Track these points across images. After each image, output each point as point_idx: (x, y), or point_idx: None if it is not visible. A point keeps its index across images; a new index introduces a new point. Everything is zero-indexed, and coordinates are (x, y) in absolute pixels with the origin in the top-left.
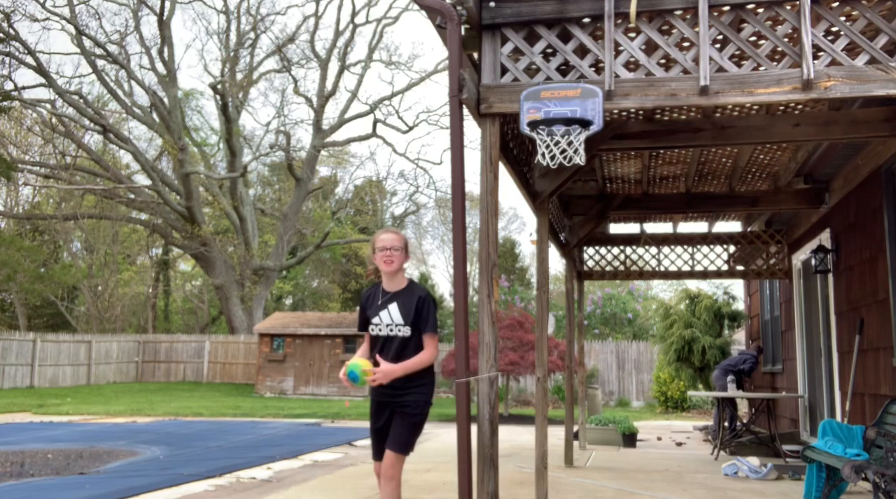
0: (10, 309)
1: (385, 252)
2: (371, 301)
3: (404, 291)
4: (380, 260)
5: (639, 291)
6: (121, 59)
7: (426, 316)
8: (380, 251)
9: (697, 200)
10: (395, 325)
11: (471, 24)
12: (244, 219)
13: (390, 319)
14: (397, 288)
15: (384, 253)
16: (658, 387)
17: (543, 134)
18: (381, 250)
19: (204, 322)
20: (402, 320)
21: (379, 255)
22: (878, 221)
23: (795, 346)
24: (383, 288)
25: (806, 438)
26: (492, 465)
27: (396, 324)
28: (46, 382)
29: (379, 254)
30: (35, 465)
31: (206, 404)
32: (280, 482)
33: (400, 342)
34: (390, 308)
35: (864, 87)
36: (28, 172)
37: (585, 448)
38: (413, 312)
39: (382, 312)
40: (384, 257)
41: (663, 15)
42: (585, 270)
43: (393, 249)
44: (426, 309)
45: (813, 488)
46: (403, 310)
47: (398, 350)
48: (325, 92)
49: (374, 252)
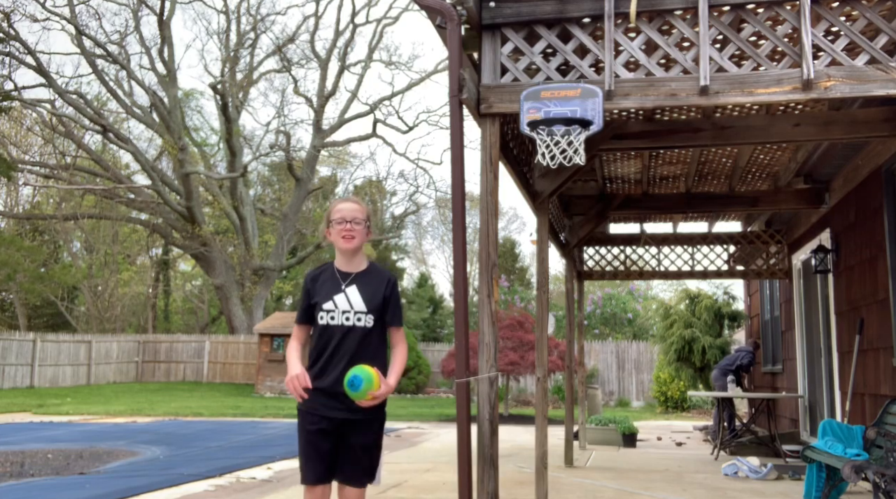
0: (10, 309)
1: (344, 225)
2: (322, 283)
3: (365, 274)
4: (336, 235)
5: (639, 291)
6: (121, 59)
7: (395, 305)
8: (337, 224)
9: (697, 200)
10: (356, 312)
11: (471, 24)
12: (244, 219)
13: (348, 306)
14: (356, 270)
15: (343, 227)
16: (658, 387)
17: (543, 134)
18: (340, 223)
19: (204, 322)
20: (365, 307)
21: (336, 228)
22: (878, 221)
23: (795, 346)
24: (338, 268)
25: (806, 438)
26: (492, 465)
27: (357, 311)
28: (46, 382)
29: (336, 228)
30: (35, 465)
31: (206, 404)
32: (280, 482)
33: (361, 335)
34: (348, 292)
35: (864, 87)
36: (28, 172)
37: (585, 448)
38: (380, 299)
39: (338, 297)
40: (343, 232)
41: (663, 15)
42: (585, 270)
43: (354, 221)
44: (395, 296)
45: (813, 488)
46: (366, 294)
47: (358, 345)
48: (325, 92)
49: (330, 225)
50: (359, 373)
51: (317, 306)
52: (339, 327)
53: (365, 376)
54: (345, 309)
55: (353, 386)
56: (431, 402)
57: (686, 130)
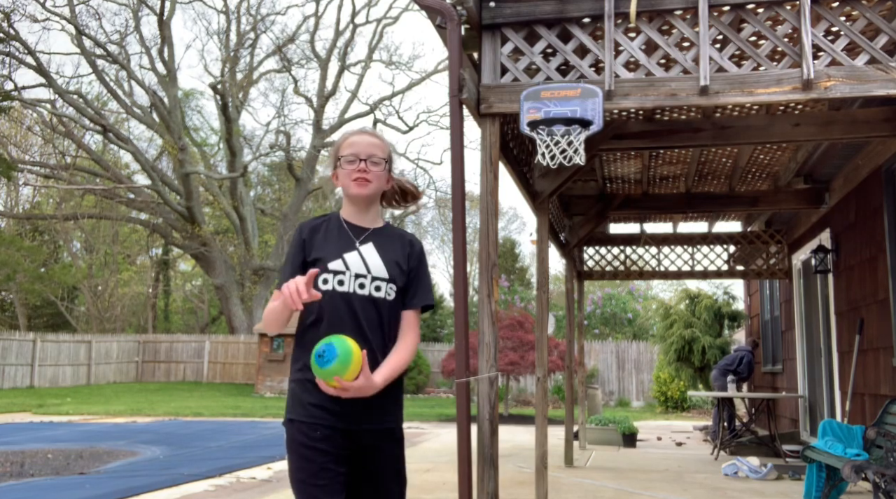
0: (10, 309)
1: (357, 165)
2: (325, 236)
3: (383, 232)
4: (346, 178)
5: (639, 291)
6: (121, 59)
7: (421, 279)
8: (348, 163)
9: (697, 200)
10: (374, 278)
11: (471, 24)
12: (244, 219)
13: (364, 268)
14: (371, 225)
15: (356, 166)
16: (658, 387)
17: (543, 134)
18: (352, 162)
19: (204, 322)
20: (386, 272)
21: (347, 169)
22: (878, 221)
23: (795, 346)
24: (346, 220)
25: (806, 438)
26: (492, 465)
27: (375, 277)
28: (46, 382)
29: (347, 168)
30: (35, 465)
31: (206, 404)
32: (280, 482)
33: (380, 310)
34: (364, 251)
35: (864, 87)
36: (28, 172)
37: (585, 448)
38: (405, 267)
39: (350, 256)
40: (356, 173)
41: (663, 15)
42: (585, 270)
43: (370, 160)
44: (423, 267)
45: (813, 488)
46: (387, 257)
47: (379, 324)
48: (325, 92)
49: (338, 165)
50: (336, 344)
51: (317, 267)
52: (352, 297)
53: (342, 350)
54: (359, 272)
55: (320, 358)
56: (431, 402)
57: (686, 130)
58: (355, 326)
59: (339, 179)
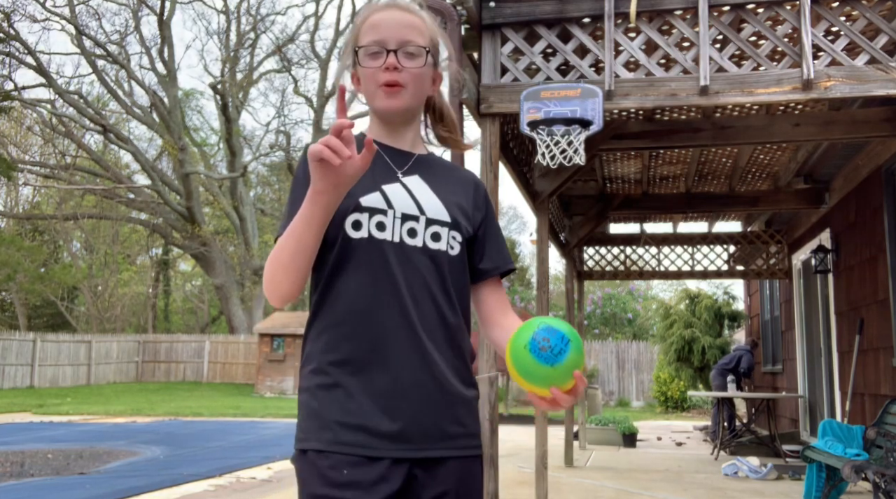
0: (10, 309)
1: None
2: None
3: (435, 162)
4: (370, 80)
5: (639, 291)
6: (121, 59)
7: (501, 234)
8: (370, 57)
9: (697, 200)
10: (429, 221)
11: (471, 24)
12: (244, 219)
13: (414, 207)
14: (416, 150)
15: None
16: (658, 387)
17: (543, 134)
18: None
19: (204, 322)
20: (447, 213)
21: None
22: (878, 221)
23: (795, 346)
24: (378, 141)
25: (806, 438)
26: (492, 465)
27: (432, 219)
28: (46, 382)
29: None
30: (35, 465)
31: (206, 404)
32: (280, 482)
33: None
34: (409, 183)
35: (864, 87)
36: (28, 172)
37: (585, 448)
38: (470, 211)
39: (392, 187)
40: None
41: (663, 15)
42: (585, 270)
43: (405, 48)
44: (494, 215)
45: (813, 488)
46: (443, 195)
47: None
48: (325, 92)
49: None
50: (555, 324)
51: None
52: (399, 247)
53: (570, 330)
54: (407, 211)
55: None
56: None
57: (686, 130)
58: (405, 294)
59: (360, 82)
